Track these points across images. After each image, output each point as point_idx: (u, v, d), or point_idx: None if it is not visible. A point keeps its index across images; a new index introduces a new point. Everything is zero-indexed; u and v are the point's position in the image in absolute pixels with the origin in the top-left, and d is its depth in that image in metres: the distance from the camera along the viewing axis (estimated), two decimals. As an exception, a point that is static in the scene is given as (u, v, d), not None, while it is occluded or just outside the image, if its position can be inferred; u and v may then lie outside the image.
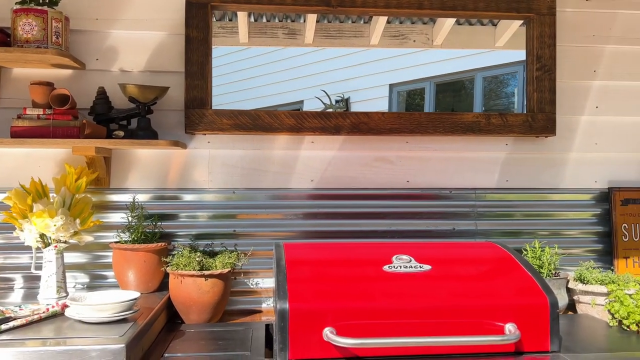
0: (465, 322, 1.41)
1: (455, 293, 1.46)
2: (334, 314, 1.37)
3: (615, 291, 1.77)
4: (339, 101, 2.20)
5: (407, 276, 1.50)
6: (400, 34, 2.29)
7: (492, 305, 1.43)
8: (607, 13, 2.17)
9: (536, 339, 1.43)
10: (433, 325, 1.40)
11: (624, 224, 2.12)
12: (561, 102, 2.15)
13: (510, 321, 1.42)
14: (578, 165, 2.17)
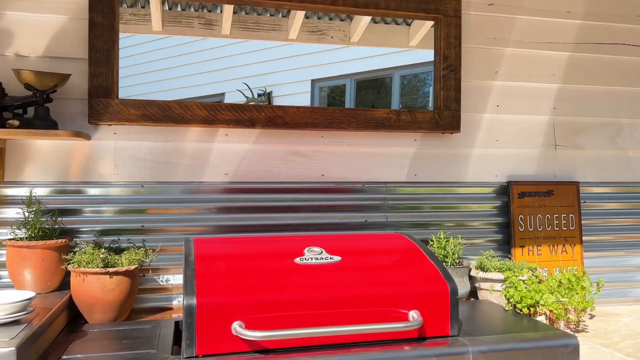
0: (373, 310, 1.46)
1: (363, 283, 1.51)
2: (243, 307, 1.36)
3: (511, 277, 1.90)
4: (261, 95, 2.18)
5: (317, 268, 1.52)
6: (319, 30, 2.31)
7: (398, 293, 1.49)
8: (507, 18, 2.32)
9: (438, 324, 1.51)
10: (342, 314, 1.43)
11: (520, 215, 2.28)
12: (466, 100, 2.27)
13: (414, 308, 1.48)
14: (480, 160, 2.31)
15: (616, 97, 2.44)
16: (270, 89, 2.22)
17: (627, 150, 2.46)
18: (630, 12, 2.44)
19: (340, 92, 2.37)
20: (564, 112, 2.38)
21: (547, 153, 2.37)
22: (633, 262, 2.46)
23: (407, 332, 1.47)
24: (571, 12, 2.38)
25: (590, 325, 2.09)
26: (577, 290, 1.96)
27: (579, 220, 2.33)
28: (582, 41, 2.40)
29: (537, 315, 1.83)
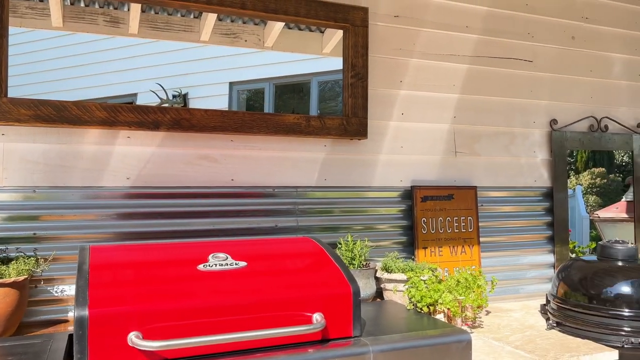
0: (277, 315, 1.46)
1: (268, 288, 1.51)
2: (140, 317, 1.31)
3: (413, 278, 1.99)
4: (176, 96, 2.12)
5: (221, 274, 1.50)
6: (232, 33, 2.29)
7: (302, 297, 1.51)
8: (412, 30, 2.43)
9: (341, 325, 1.54)
10: (245, 320, 1.43)
11: (423, 218, 2.39)
12: (373, 108, 2.35)
13: (318, 311, 1.51)
14: (387, 165, 2.39)
15: (509, 107, 2.63)
16: (186, 91, 2.17)
17: (520, 157, 2.66)
18: (521, 29, 2.65)
19: (259, 96, 2.36)
20: (463, 121, 2.54)
21: (448, 159, 2.50)
22: (524, 261, 2.66)
23: (311, 335, 1.49)
24: (470, 27, 2.54)
25: (485, 321, 2.23)
26: (474, 289, 2.09)
27: (476, 222, 2.48)
28: (479, 54, 2.56)
29: (437, 313, 1.93)
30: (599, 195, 3.06)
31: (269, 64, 2.39)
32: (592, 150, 2.86)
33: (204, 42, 2.29)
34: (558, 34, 2.74)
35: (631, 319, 1.92)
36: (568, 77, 2.76)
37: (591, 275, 2.07)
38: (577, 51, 2.79)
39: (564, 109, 2.75)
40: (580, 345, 1.88)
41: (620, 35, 2.90)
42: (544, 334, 2.03)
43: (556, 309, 2.11)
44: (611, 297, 1.96)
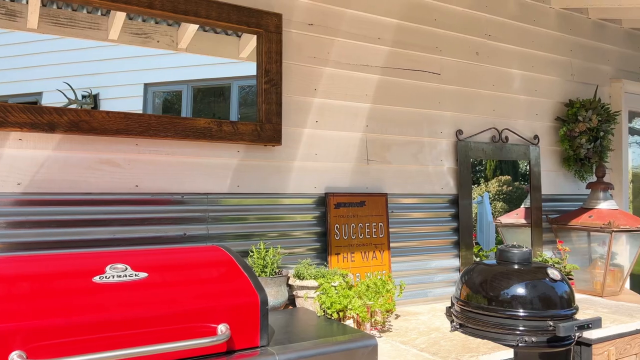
0: (179, 327, 1.41)
1: (170, 299, 1.44)
2: (24, 335, 1.20)
3: (323, 284, 2.00)
4: (85, 96, 1.99)
5: (119, 286, 1.42)
6: (144, 33, 2.19)
7: (206, 308, 1.46)
8: (326, 39, 2.46)
9: (247, 336, 1.51)
10: (145, 335, 1.35)
11: (336, 225, 2.42)
12: (287, 114, 2.34)
13: (224, 322, 1.46)
14: (301, 172, 2.40)
15: (418, 118, 2.73)
16: (97, 91, 2.04)
17: (428, 166, 2.77)
18: (430, 43, 2.77)
19: (177, 99, 2.28)
20: (375, 130, 2.60)
21: (360, 167, 2.55)
22: (432, 265, 2.77)
23: (215, 347, 1.44)
24: (382, 38, 2.62)
25: (394, 325, 2.29)
26: (383, 294, 2.14)
27: (387, 228, 2.55)
28: (390, 66, 2.65)
29: (347, 319, 1.95)
30: (505, 201, 3.25)
31: (187, 66, 2.32)
32: (496, 159, 3.04)
33: (112, 41, 2.18)
34: (463, 48, 2.89)
35: (525, 319, 2.04)
36: (472, 90, 2.92)
37: (490, 278, 2.19)
38: (481, 66, 2.96)
39: (469, 120, 2.90)
40: (480, 346, 1.98)
41: (518, 53, 3.12)
42: (448, 336, 2.12)
43: (459, 311, 2.21)
44: (508, 299, 2.09)
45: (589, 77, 3.45)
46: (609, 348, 2.22)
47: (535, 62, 3.19)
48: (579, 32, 3.41)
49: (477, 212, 3.15)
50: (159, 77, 2.25)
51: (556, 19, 3.30)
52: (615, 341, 2.23)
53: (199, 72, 2.34)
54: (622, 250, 3.01)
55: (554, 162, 3.28)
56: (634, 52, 3.73)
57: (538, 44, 3.20)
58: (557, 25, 3.30)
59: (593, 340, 2.16)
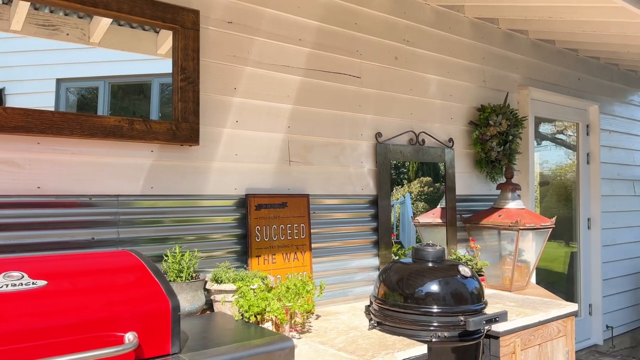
0: (83, 338, 1.32)
1: (72, 308, 1.35)
2: None
3: (242, 288, 1.96)
4: None
5: (14, 295, 1.31)
6: (51, 24, 2.04)
7: (112, 316, 1.38)
8: (246, 38, 2.43)
9: (158, 343, 1.44)
10: (42, 347, 1.26)
11: (257, 226, 2.39)
12: (205, 113, 2.28)
13: (132, 330, 1.39)
14: (221, 173, 2.34)
15: (339, 120, 2.77)
16: (4, 85, 1.88)
17: (349, 167, 2.81)
18: (350, 46, 2.81)
19: (95, 96, 2.15)
20: (297, 131, 2.60)
21: (282, 168, 2.54)
22: (353, 265, 2.81)
23: (122, 356, 1.36)
24: (303, 40, 2.62)
25: (315, 325, 2.29)
26: (303, 294, 2.14)
27: (308, 229, 2.56)
28: (311, 67, 2.66)
29: (265, 322, 1.92)
30: (426, 201, 3.36)
31: (103, 62, 2.20)
32: (413, 161, 3.14)
33: (14, 31, 2.02)
34: (383, 53, 2.96)
35: (439, 315, 2.12)
36: (391, 94, 3.00)
37: (406, 276, 2.25)
38: (400, 70, 3.04)
39: (388, 123, 2.98)
40: (395, 342, 2.03)
41: (434, 59, 3.24)
42: (366, 334, 2.15)
43: (377, 310, 2.26)
44: (422, 296, 2.15)
45: (500, 84, 3.66)
46: (514, 340, 2.35)
47: (451, 69, 3.33)
48: (490, 41, 3.61)
49: (400, 212, 3.25)
50: (72, 72, 2.12)
51: (470, 28, 3.47)
52: (520, 333, 2.37)
53: (116, 68, 2.23)
54: (528, 247, 3.21)
55: (467, 164, 3.45)
56: (539, 62, 4.00)
57: (453, 51, 3.35)
58: (471, 33, 3.47)
59: (500, 333, 2.29)
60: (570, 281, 4.54)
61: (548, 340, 2.53)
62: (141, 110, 2.25)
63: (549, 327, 2.54)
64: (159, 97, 2.28)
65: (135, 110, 2.24)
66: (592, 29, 3.46)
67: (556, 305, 2.65)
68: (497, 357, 2.30)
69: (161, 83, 2.29)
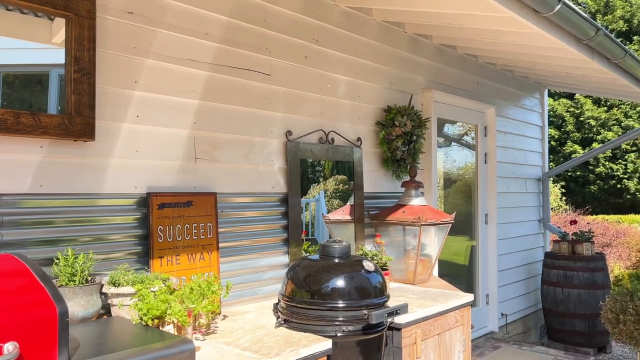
0: (-49, 352, 1.19)
1: (-62, 320, 1.22)
2: None
3: (141, 290, 1.88)
4: None
5: None
6: None
7: (-13, 326, 1.26)
8: (148, 29, 2.32)
9: (42, 353, 1.34)
10: None
11: (160, 226, 2.30)
12: (103, 107, 2.16)
13: (11, 340, 1.28)
14: (120, 170, 2.23)
15: (249, 117, 2.73)
16: None
17: (259, 165, 2.79)
18: (259, 43, 2.79)
19: None
20: (203, 127, 2.53)
21: (187, 165, 2.47)
22: (262, 263, 2.80)
23: (-1, 370, 1.26)
24: (209, 34, 2.56)
25: (221, 326, 2.25)
26: (208, 295, 2.09)
27: (216, 228, 2.50)
28: (219, 63, 2.60)
29: (166, 325, 1.85)
30: (341, 199, 3.42)
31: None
32: (323, 159, 3.18)
33: None
34: (293, 51, 2.97)
35: (344, 310, 2.16)
36: (301, 93, 3.02)
37: (313, 273, 2.27)
38: (309, 70, 3.07)
39: (298, 121, 2.99)
40: (301, 339, 2.04)
41: (344, 59, 3.30)
42: (272, 332, 2.15)
43: (285, 307, 2.26)
44: (328, 291, 2.19)
45: (405, 86, 3.81)
46: (415, 331, 2.46)
47: (359, 70, 3.41)
48: (397, 44, 3.74)
49: (315, 210, 3.28)
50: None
51: (377, 31, 3.57)
52: (421, 324, 2.49)
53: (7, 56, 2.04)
54: (430, 241, 3.37)
55: (375, 163, 3.56)
56: (442, 66, 4.22)
57: (361, 53, 3.43)
58: (378, 36, 3.58)
59: (402, 324, 2.38)
60: (470, 273, 4.84)
61: (447, 329, 2.68)
62: (39, 102, 2.08)
63: (448, 317, 2.68)
64: (57, 88, 2.12)
65: (32, 102, 2.07)
66: (488, 37, 3.71)
67: (454, 297, 2.81)
68: (399, 348, 2.39)
69: (60, 74, 2.13)
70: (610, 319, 3.35)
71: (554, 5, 2.72)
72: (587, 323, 4.92)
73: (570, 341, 5.01)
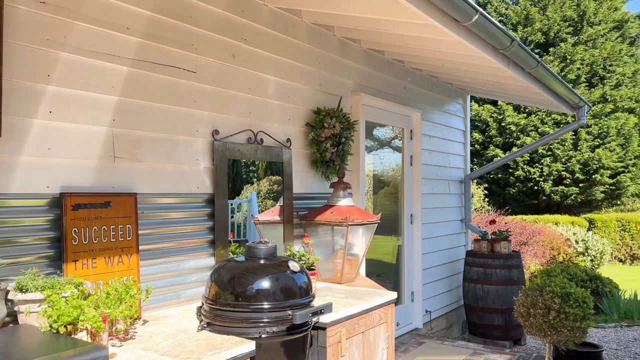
0: None
1: None
2: None
3: (51, 296, 1.77)
4: None
5: None
6: None
7: None
8: (63, 21, 2.20)
9: None
10: None
11: (74, 228, 2.18)
12: (11, 102, 2.02)
13: None
14: (30, 169, 2.10)
15: (173, 115, 2.66)
16: None
17: (183, 165, 2.72)
18: (185, 40, 2.72)
19: None
20: (123, 125, 2.43)
21: (105, 164, 2.36)
22: (187, 266, 2.73)
23: None
24: (131, 29, 2.47)
25: (140, 331, 2.17)
26: (126, 300, 2.01)
27: (136, 230, 2.41)
28: (141, 58, 2.51)
29: (79, 332, 1.76)
30: (275, 199, 3.39)
31: None
32: (252, 160, 3.16)
33: None
34: (220, 49, 2.92)
35: (269, 311, 2.15)
36: (229, 92, 2.98)
37: (238, 275, 2.25)
38: (238, 69, 3.03)
39: (226, 121, 2.95)
40: (224, 342, 2.02)
41: (273, 60, 3.30)
42: (194, 336, 2.10)
43: (208, 310, 2.22)
44: (253, 293, 2.17)
45: (335, 88, 3.87)
46: (340, 329, 2.50)
47: (289, 71, 3.42)
48: (326, 47, 3.79)
49: (247, 211, 3.24)
50: None
51: (307, 33, 3.60)
52: (345, 323, 2.53)
53: None
54: (358, 241, 3.44)
55: (304, 164, 3.58)
56: (371, 70, 4.32)
57: (291, 54, 3.44)
58: (308, 38, 3.60)
59: (327, 324, 2.41)
60: (397, 271, 4.99)
61: (371, 327, 2.74)
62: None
63: (372, 315, 2.75)
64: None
65: None
66: (414, 43, 3.84)
67: (379, 295, 2.88)
68: (324, 347, 2.41)
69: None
70: (522, 312, 3.57)
71: (472, 15, 2.86)
72: (504, 317, 5.21)
73: (489, 335, 5.29)
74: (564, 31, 14.33)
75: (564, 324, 3.36)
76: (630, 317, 6.63)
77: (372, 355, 2.75)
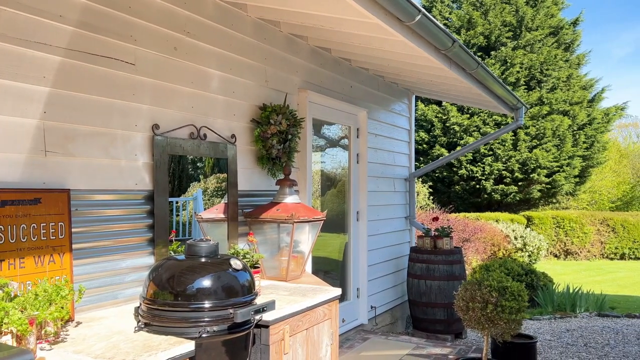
0: None
1: None
2: None
3: (-30, 298, 1.66)
4: None
5: None
6: None
7: None
8: (-13, 5, 2.07)
9: None
10: None
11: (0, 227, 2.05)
12: None
13: None
14: (-51, 163, 1.95)
15: (110, 108, 2.55)
16: None
17: (120, 160, 2.62)
18: (123, 30, 2.62)
19: None
20: (56, 118, 2.31)
21: (35, 159, 2.23)
22: (124, 265, 2.63)
23: None
24: (64, 16, 2.35)
25: (72, 334, 2.07)
26: (57, 301, 1.91)
27: (69, 228, 2.30)
28: (75, 48, 2.39)
29: (3, 335, 1.66)
30: (222, 197, 3.32)
31: None
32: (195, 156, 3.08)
33: None
34: (161, 42, 2.83)
35: (210, 310, 2.11)
36: (170, 85, 2.89)
37: (178, 273, 2.19)
38: (179, 62, 2.95)
39: (167, 115, 2.86)
40: (161, 342, 1.95)
41: (217, 54, 3.23)
42: (130, 337, 2.02)
43: (146, 310, 2.14)
44: (193, 292, 2.12)
45: (281, 85, 3.84)
46: (284, 327, 2.48)
47: (233, 65, 3.36)
48: (273, 43, 3.75)
49: (192, 209, 3.16)
50: None
51: (252, 27, 3.55)
52: (289, 320, 2.51)
53: None
54: (304, 238, 3.43)
55: (250, 161, 3.53)
56: (318, 67, 4.32)
57: (236, 48, 3.38)
58: (253, 33, 3.55)
59: (270, 321, 2.38)
60: (343, 268, 5.03)
61: (315, 324, 2.74)
62: None
63: (316, 312, 2.75)
64: None
65: None
66: (359, 42, 3.87)
67: (323, 291, 2.88)
68: (267, 345, 2.39)
69: None
70: (461, 306, 3.67)
71: (415, 15, 2.91)
72: (446, 312, 5.36)
73: (432, 329, 5.43)
74: (504, 35, 14.91)
75: (500, 316, 3.49)
76: (563, 309, 7.00)
77: (316, 352, 2.75)
